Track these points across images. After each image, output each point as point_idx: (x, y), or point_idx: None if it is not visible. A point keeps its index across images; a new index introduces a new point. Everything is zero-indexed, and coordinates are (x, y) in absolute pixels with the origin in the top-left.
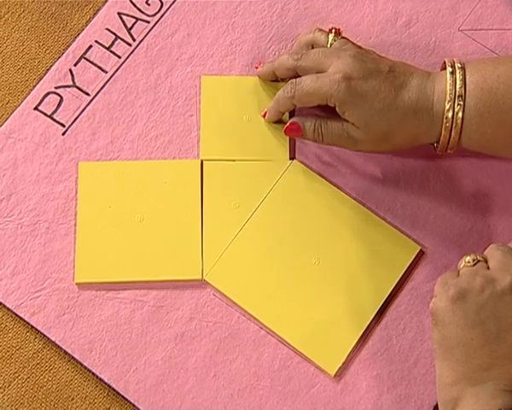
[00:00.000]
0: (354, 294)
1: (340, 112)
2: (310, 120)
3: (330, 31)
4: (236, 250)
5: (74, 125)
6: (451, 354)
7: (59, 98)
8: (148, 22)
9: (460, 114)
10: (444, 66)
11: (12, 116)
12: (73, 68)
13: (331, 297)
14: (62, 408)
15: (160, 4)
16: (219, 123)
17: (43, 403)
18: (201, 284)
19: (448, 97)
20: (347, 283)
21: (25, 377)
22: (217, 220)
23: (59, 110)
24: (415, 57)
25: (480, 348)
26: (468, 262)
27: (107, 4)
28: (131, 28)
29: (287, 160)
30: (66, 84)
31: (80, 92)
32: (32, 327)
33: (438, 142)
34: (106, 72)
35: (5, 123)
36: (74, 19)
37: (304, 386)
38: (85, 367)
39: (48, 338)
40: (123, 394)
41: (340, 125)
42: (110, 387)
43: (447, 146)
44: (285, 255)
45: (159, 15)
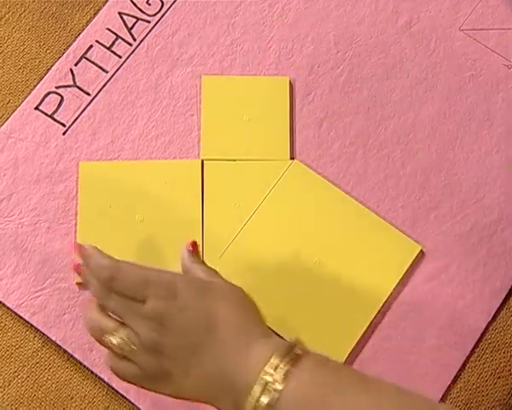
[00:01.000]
0: (355, 294)
1: None
2: None
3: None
4: (237, 250)
5: (75, 124)
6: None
7: (59, 98)
8: (149, 22)
9: None
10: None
11: (12, 116)
12: (74, 68)
13: (332, 297)
14: (62, 407)
15: (161, 4)
16: (220, 123)
17: (42, 402)
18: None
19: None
20: (348, 283)
21: (24, 376)
22: (217, 220)
23: (59, 110)
24: (415, 57)
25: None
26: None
27: (107, 4)
28: (132, 28)
29: (287, 159)
30: (66, 83)
31: (81, 92)
32: (32, 326)
33: None
34: (106, 71)
35: (6, 123)
36: (75, 19)
37: None
38: (85, 366)
39: (47, 337)
40: (123, 393)
41: None
42: (109, 386)
43: None
44: (286, 255)
45: (159, 15)
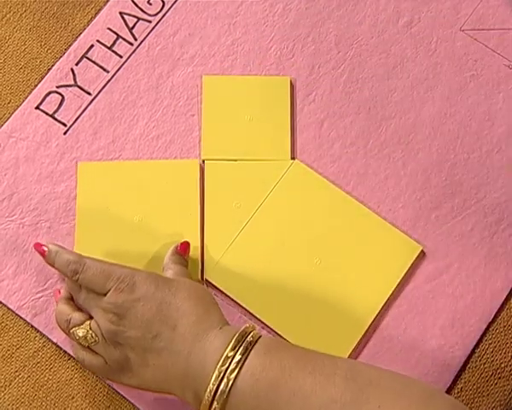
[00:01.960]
0: (355, 294)
1: None
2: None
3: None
4: (238, 250)
5: (76, 124)
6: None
7: (60, 98)
8: (150, 22)
9: None
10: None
11: (13, 115)
12: (75, 68)
13: (332, 297)
14: (63, 407)
15: (162, 4)
16: (221, 123)
17: (43, 402)
18: (203, 284)
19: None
20: (349, 283)
21: (25, 375)
22: (218, 220)
23: (60, 109)
24: (416, 57)
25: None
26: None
27: (108, 4)
28: (133, 28)
29: (288, 159)
30: (67, 83)
31: (82, 92)
32: (33, 326)
33: None
34: (107, 71)
35: (7, 122)
36: (76, 18)
37: None
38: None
39: (48, 337)
40: (123, 393)
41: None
42: (110, 386)
43: None
44: (286, 255)
45: (160, 15)
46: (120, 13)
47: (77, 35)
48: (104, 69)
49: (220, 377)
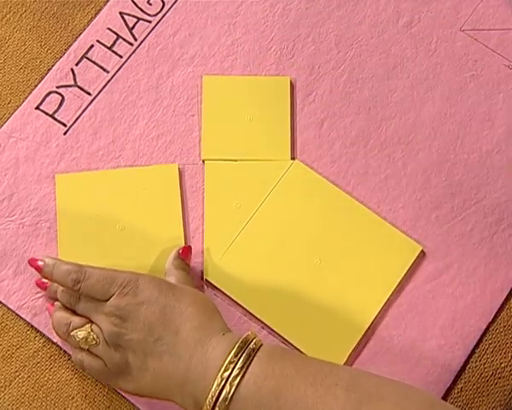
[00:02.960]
0: (356, 294)
1: None
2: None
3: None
4: (238, 250)
5: (76, 124)
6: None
7: (60, 98)
8: (150, 22)
9: None
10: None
11: (13, 116)
12: (75, 68)
13: (332, 297)
14: (63, 407)
15: (162, 4)
16: (221, 123)
17: (43, 402)
18: (203, 285)
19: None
20: (349, 283)
21: (25, 375)
22: (218, 220)
23: (60, 110)
24: (416, 57)
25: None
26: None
27: (108, 4)
28: (133, 28)
29: (288, 160)
30: (67, 83)
31: (82, 92)
32: (33, 326)
33: None
34: (107, 71)
35: (7, 122)
36: (76, 18)
37: None
38: None
39: (48, 337)
40: (123, 393)
41: None
42: (110, 386)
43: None
44: (286, 255)
45: (160, 15)
46: (120, 13)
47: (77, 35)
48: (104, 69)
49: (222, 383)
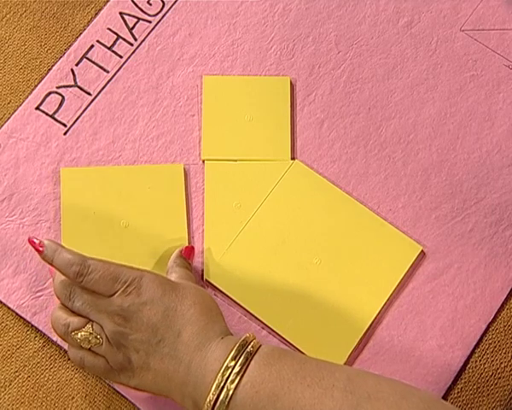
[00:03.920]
0: (356, 294)
1: None
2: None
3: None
4: (238, 250)
5: (76, 124)
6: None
7: (60, 98)
8: (150, 22)
9: None
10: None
11: (13, 116)
12: (75, 68)
13: (332, 297)
14: (63, 407)
15: (162, 4)
16: (221, 123)
17: (43, 402)
18: (203, 285)
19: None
20: (349, 283)
21: (25, 375)
22: (218, 220)
23: (60, 110)
24: (416, 57)
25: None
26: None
27: (108, 4)
28: (133, 28)
29: (288, 160)
30: (67, 83)
31: (82, 92)
32: (33, 326)
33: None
34: (107, 71)
35: (7, 122)
36: (76, 19)
37: None
38: None
39: (48, 337)
40: (123, 393)
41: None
42: (110, 386)
43: None
44: (286, 255)
45: (160, 15)
46: (120, 13)
47: (77, 35)
48: (104, 69)
49: (220, 386)
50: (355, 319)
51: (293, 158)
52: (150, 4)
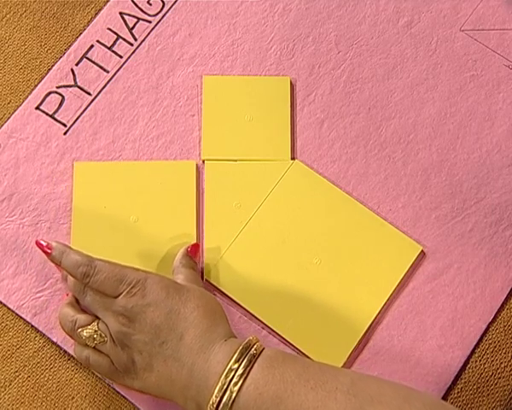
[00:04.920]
0: (356, 294)
1: None
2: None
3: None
4: (238, 250)
5: (76, 124)
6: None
7: (60, 98)
8: (150, 22)
9: None
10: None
11: (13, 116)
12: (75, 68)
13: (332, 297)
14: (63, 407)
15: (162, 4)
16: (221, 123)
17: (43, 402)
18: (203, 284)
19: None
20: (349, 283)
21: (25, 375)
22: (218, 220)
23: (60, 110)
24: (416, 57)
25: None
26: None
27: (108, 4)
28: (133, 28)
29: (288, 160)
30: (67, 83)
31: (82, 92)
32: (33, 326)
33: None
34: (107, 71)
35: (7, 122)
36: (76, 19)
37: None
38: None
39: (48, 337)
40: (124, 394)
41: None
42: (110, 386)
43: None
44: (286, 255)
45: (160, 15)
46: (120, 13)
47: (77, 35)
48: (104, 69)
49: (223, 389)
50: (355, 319)
51: (293, 158)
52: (150, 4)
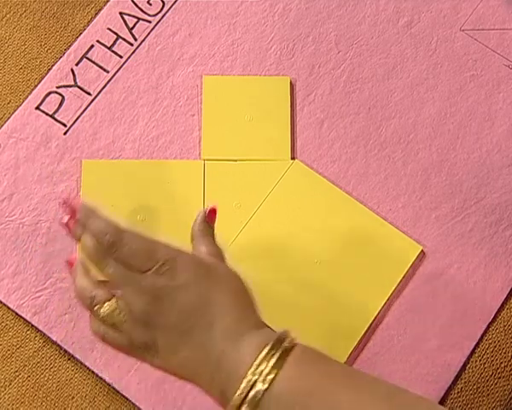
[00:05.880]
0: (356, 294)
1: None
2: None
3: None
4: (238, 250)
5: (76, 124)
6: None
7: (60, 98)
8: (150, 22)
9: None
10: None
11: (13, 116)
12: (75, 68)
13: (332, 297)
14: (63, 407)
15: (162, 4)
16: (221, 123)
17: (43, 402)
18: None
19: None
20: (349, 283)
21: (25, 375)
22: (218, 220)
23: (60, 110)
24: (416, 57)
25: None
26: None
27: (108, 4)
28: (133, 28)
29: (288, 159)
30: (67, 83)
31: (82, 92)
32: (33, 326)
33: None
34: (107, 71)
35: (7, 122)
36: (76, 18)
37: None
38: (85, 366)
39: (48, 337)
40: (124, 394)
41: None
42: (110, 386)
43: None
44: (286, 255)
45: (160, 15)
46: (120, 13)
47: (77, 35)
48: (104, 69)
49: (253, 380)
50: (355, 319)
51: (293, 158)
52: (150, 4)
